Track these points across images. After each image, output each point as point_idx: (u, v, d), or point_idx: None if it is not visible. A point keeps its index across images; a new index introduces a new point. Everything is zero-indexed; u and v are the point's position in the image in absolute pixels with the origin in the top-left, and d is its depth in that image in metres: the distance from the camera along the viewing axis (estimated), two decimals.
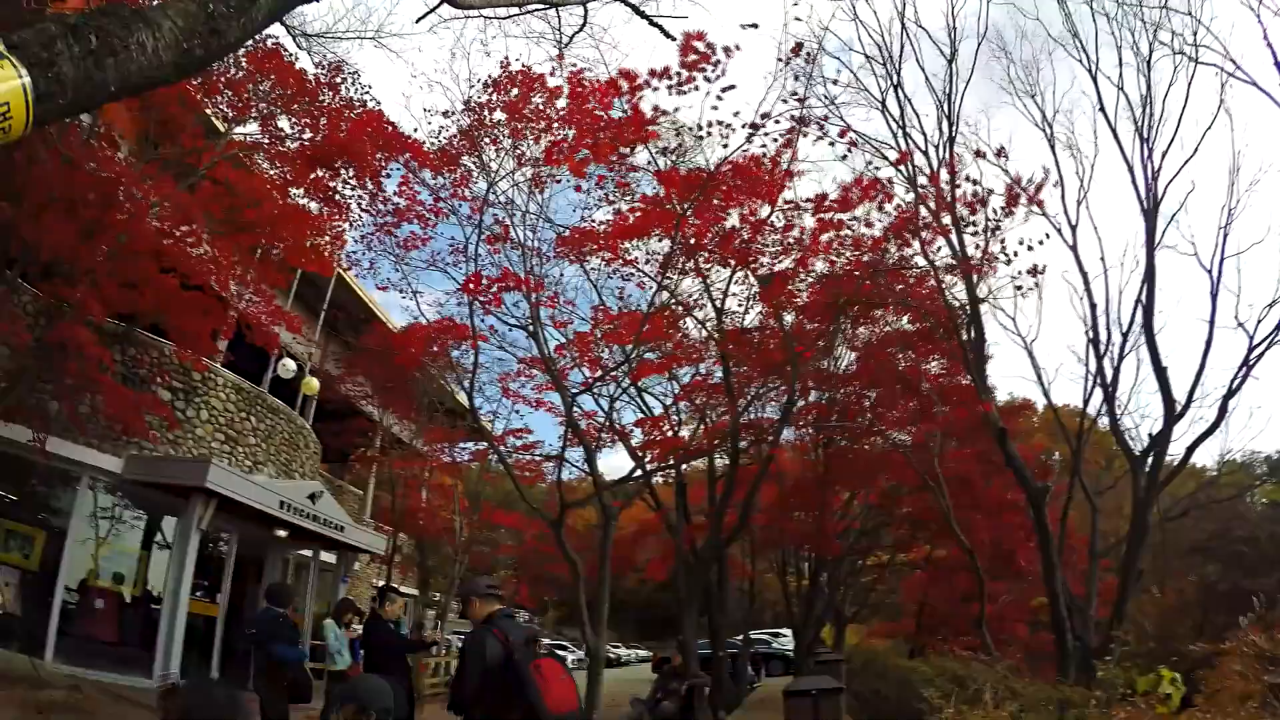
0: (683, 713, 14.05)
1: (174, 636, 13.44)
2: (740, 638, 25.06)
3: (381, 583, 24.58)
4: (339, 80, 14.08)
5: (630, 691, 17.62)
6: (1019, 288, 16.21)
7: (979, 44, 28.97)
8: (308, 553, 18.91)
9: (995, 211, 15.27)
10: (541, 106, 14.89)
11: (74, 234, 10.59)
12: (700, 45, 12.54)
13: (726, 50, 12.37)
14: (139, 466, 14.58)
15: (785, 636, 30.49)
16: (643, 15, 5.20)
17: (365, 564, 25.29)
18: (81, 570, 14.29)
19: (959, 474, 19.57)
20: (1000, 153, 15.83)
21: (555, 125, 15.04)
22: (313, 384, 20.80)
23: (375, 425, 26.05)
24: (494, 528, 28.89)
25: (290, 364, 19.34)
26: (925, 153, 16.23)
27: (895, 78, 16.57)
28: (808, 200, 15.29)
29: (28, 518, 13.84)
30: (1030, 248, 15.46)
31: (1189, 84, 15.58)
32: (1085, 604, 15.77)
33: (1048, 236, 15.99)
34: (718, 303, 17.00)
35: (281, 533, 17.04)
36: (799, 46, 14.52)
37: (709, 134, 13.90)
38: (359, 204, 15.63)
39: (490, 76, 15.03)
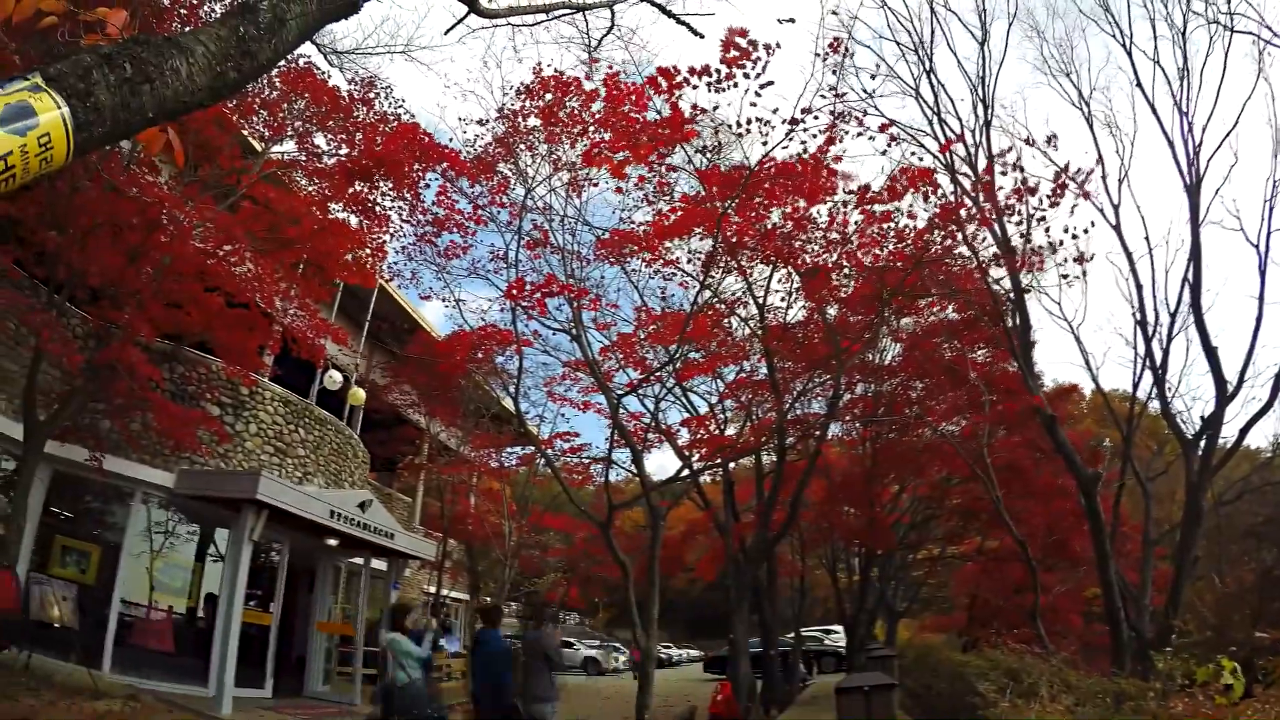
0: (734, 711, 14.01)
1: (228, 646, 13.60)
2: (791, 635, 24.97)
3: (432, 589, 24.80)
4: (372, 95, 14.24)
5: (683, 691, 17.65)
6: (1064, 276, 15.94)
7: (1010, 24, 28.49)
8: (359, 560, 19.08)
9: (1041, 200, 15.03)
10: (577, 110, 14.90)
11: (119, 258, 10.82)
12: (742, 42, 12.45)
13: (768, 47, 12.27)
14: (191, 481, 14.83)
15: (837, 633, 30.29)
16: (669, 14, 5.18)
17: (416, 570, 25.50)
18: (137, 583, 14.58)
19: (1008, 462, 19.28)
20: (1050, 140, 15.60)
21: (592, 129, 15.04)
22: (359, 394, 21.02)
23: (422, 433, 26.22)
24: (543, 531, 28.97)
25: (336, 375, 19.54)
26: (962, 138, 16.02)
27: (927, 64, 16.39)
28: (850, 193, 15.18)
29: (83, 534, 14.18)
30: (1075, 236, 15.19)
31: (1226, 54, 15.30)
32: (1140, 593, 15.49)
33: (1093, 224, 15.70)
34: (760, 299, 16.92)
35: (332, 541, 17.22)
36: (837, 42, 14.41)
37: (748, 131, 13.83)
38: (399, 215, 15.79)
39: (523, 83, 15.08)
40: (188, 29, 3.00)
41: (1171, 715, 6.27)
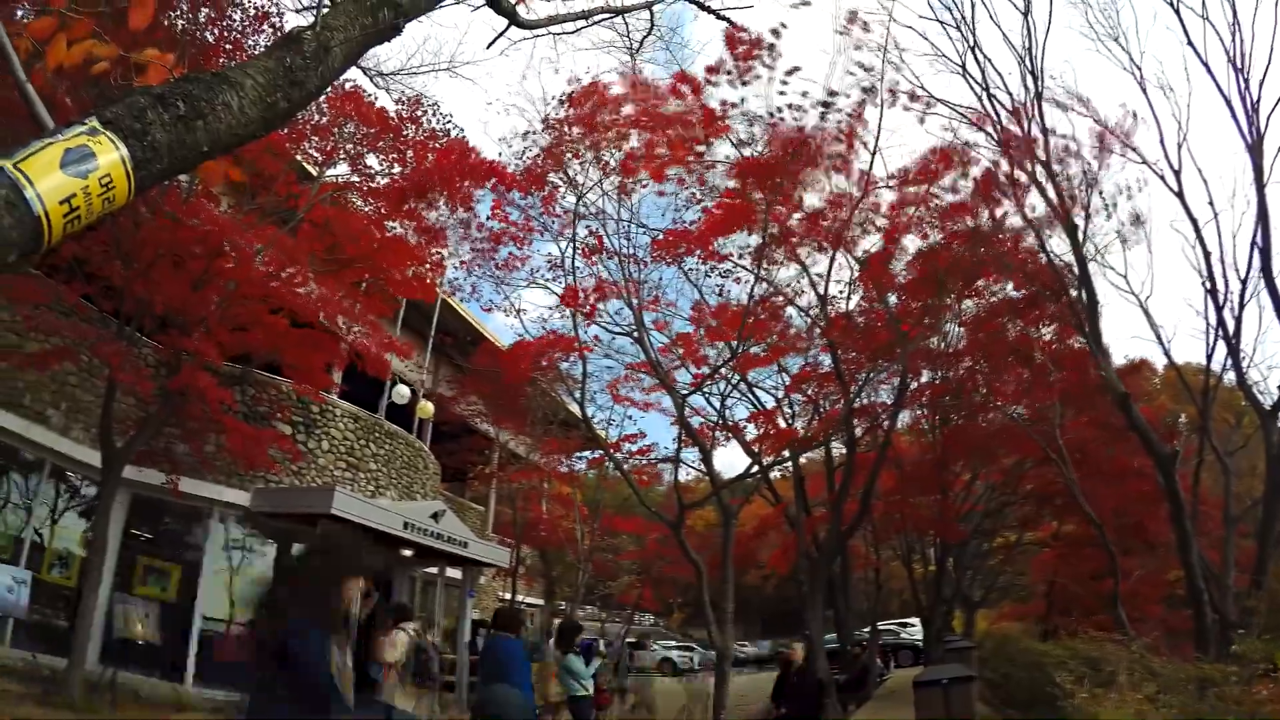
0: (811, 709, 13.85)
1: None
2: (867, 629, 24.73)
3: (508, 595, 24.97)
4: (420, 114, 14.41)
5: (761, 688, 17.55)
6: (1121, 236, 15.48)
7: None
8: (434, 570, 19.28)
9: (1092, 163, 14.65)
10: (614, 116, 14.98)
11: (184, 286, 11.10)
12: (744, 36, 12.44)
13: (775, 32, 12.24)
14: (266, 499, 15.21)
15: (914, 626, 29.84)
16: (707, 9, 5.15)
17: (490, 578, 25.69)
18: (217, 599, 15.01)
19: (1080, 443, 18.83)
20: (1084, 102, 15.20)
21: (629, 133, 15.10)
22: (427, 407, 21.25)
23: (491, 442, 26.43)
24: (615, 534, 29.03)
25: (404, 390, 19.79)
26: (1014, 113, 15.69)
27: (972, 39, 16.05)
28: (891, 176, 15.02)
29: (164, 554, 14.72)
30: (1130, 197, 14.72)
31: (1276, 3, 14.60)
32: (1223, 573, 15.03)
33: (1145, 183, 15.22)
34: (819, 289, 16.80)
35: (407, 552, 17.43)
36: (854, 15, 14.26)
37: (781, 119, 13.76)
38: (455, 231, 15.97)
39: (565, 93, 15.19)
40: (235, 63, 3.07)
41: (1255, 701, 6.10)
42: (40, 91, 2.27)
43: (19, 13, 7.46)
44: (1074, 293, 15.61)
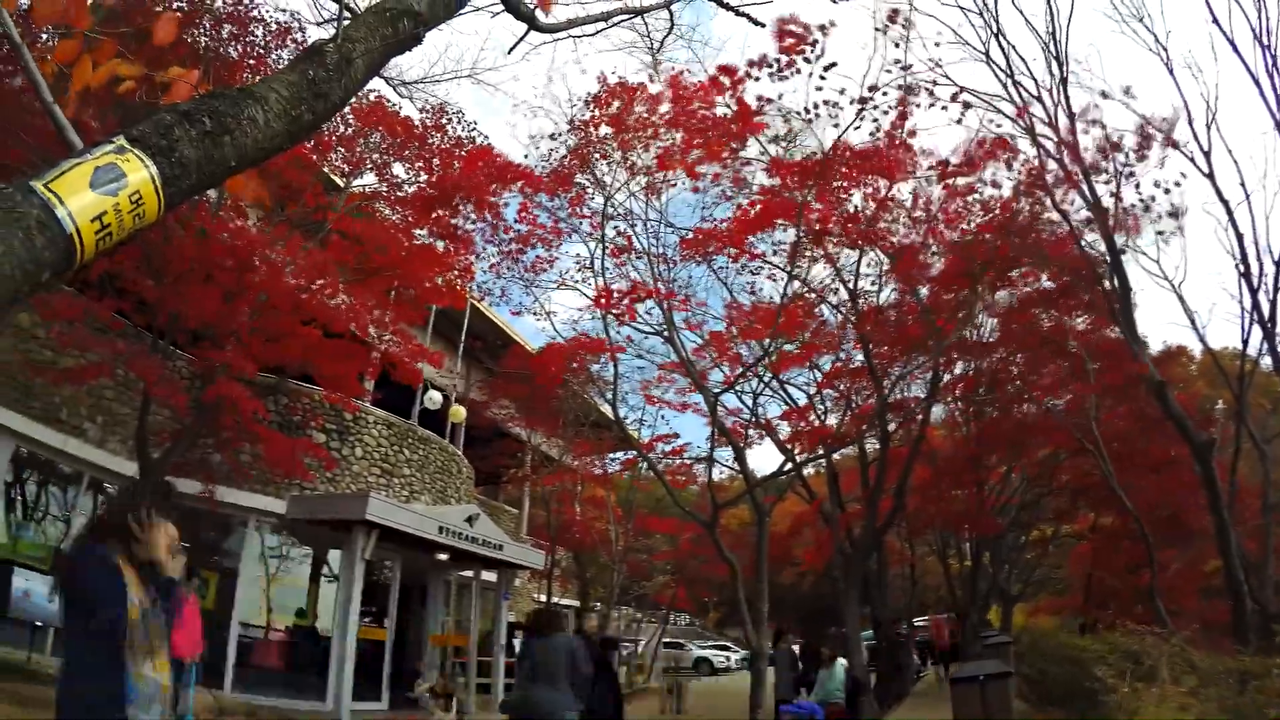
0: (847, 706, 13.79)
1: (345, 662, 13.97)
2: (904, 625, 24.58)
3: (543, 597, 25.04)
4: (444, 121, 14.52)
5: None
6: (1160, 233, 15.27)
7: None
8: (469, 573, 19.36)
9: (1128, 155, 14.44)
10: (646, 115, 14.96)
11: (216, 300, 11.20)
12: (794, 28, 12.35)
13: (822, 29, 12.14)
14: (301, 506, 15.36)
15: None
16: (727, 6, 5.13)
17: (525, 580, 25.76)
18: (254, 606, 15.27)
19: (1116, 433, 18.58)
20: (1127, 90, 14.99)
21: (662, 131, 15.08)
22: (459, 412, 21.36)
23: (524, 445, 26.51)
24: (649, 534, 29.02)
25: (436, 395, 19.91)
26: (1039, 99, 15.49)
27: (995, 25, 15.84)
28: (931, 169, 14.89)
29: (201, 562, 14.84)
30: (1167, 190, 14.52)
31: None
32: (1262, 563, 14.79)
33: (1184, 176, 15.04)
34: (850, 285, 16.71)
35: (442, 556, 17.51)
36: (895, 13, 14.16)
37: (817, 115, 13.70)
38: (482, 236, 16.05)
39: (589, 94, 15.19)
40: (259, 78, 3.11)
41: None
42: (68, 113, 2.30)
43: (44, 36, 7.58)
44: (1107, 284, 15.44)
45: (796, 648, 16.28)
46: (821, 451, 19.07)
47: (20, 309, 11.31)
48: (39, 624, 11.58)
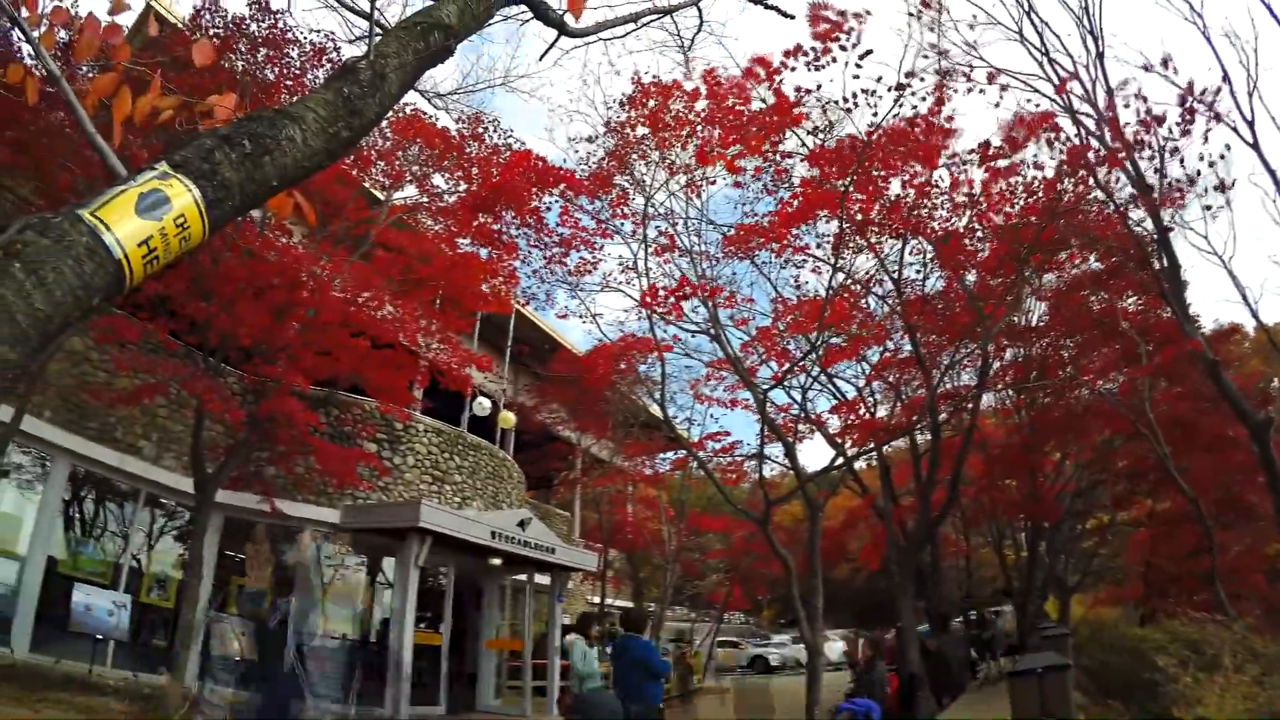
0: (903, 704, 13.67)
1: (401, 667, 14.14)
2: (959, 619, 24.31)
3: (596, 599, 25.12)
4: (480, 130, 14.67)
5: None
6: (1208, 208, 14.91)
7: None
8: (522, 577, 19.46)
9: (1170, 130, 14.14)
10: (682, 112, 14.97)
11: (266, 317, 11.41)
12: (829, 14, 12.26)
13: (857, 16, 12.04)
14: (355, 515, 15.61)
15: (1007, 613, 29.20)
16: (757, 0, 5.13)
17: (579, 582, 25.85)
18: (311, 614, 15.43)
19: (1171, 415, 18.19)
20: (1166, 63, 14.65)
21: (699, 128, 15.08)
22: (509, 417, 21.50)
23: (574, 448, 26.60)
24: (701, 533, 28.98)
25: (485, 402, 20.06)
26: (1075, 75, 15.20)
27: (1026, 3, 15.59)
28: (971, 152, 14.72)
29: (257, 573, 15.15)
30: (1212, 164, 14.17)
31: None
32: None
33: (1228, 148, 14.64)
34: (894, 274, 16.58)
35: (495, 561, 17.64)
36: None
37: (855, 104, 13.60)
38: (525, 241, 16.16)
39: (624, 95, 15.22)
40: (296, 98, 3.18)
41: None
42: (112, 143, 2.35)
43: (84, 69, 7.75)
44: (1156, 264, 15.16)
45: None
46: (872, 445, 18.91)
47: (73, 333, 11.58)
48: (99, 637, 11.87)
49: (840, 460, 17.95)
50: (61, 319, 1.90)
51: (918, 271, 17.40)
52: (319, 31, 13.01)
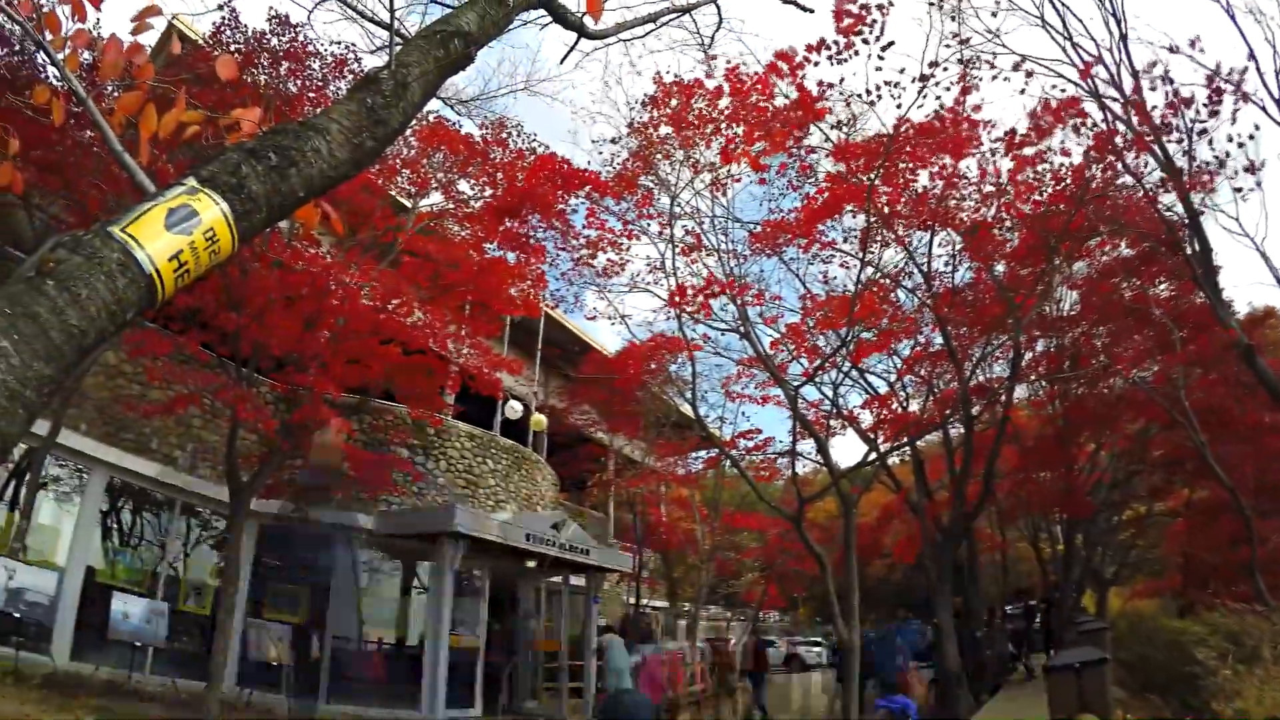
0: (939, 703, 13.55)
1: (438, 670, 14.20)
2: (997, 614, 24.13)
3: (631, 600, 25.11)
4: (504, 135, 14.74)
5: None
6: (1238, 190, 14.68)
7: None
8: (558, 579, 19.51)
9: (1198, 111, 13.93)
10: (705, 110, 14.97)
11: (297, 326, 11.52)
12: (852, 7, 12.19)
13: (880, 7, 11.96)
14: (390, 520, 15.74)
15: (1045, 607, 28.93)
16: None
17: (614, 583, 25.87)
18: (346, 619, 15.73)
19: (1208, 403, 17.90)
20: (1193, 44, 14.43)
21: (723, 125, 15.07)
22: (540, 420, 21.57)
23: (606, 449, 26.63)
24: (735, 532, 28.91)
25: (516, 405, 20.14)
26: (1100, 59, 14.99)
27: None
28: (997, 140, 14.60)
29: (293, 578, 15.29)
30: (1241, 144, 13.95)
31: None
32: None
33: (1258, 129, 14.36)
34: (923, 267, 16.47)
35: (530, 563, 17.68)
36: None
37: (879, 97, 13.52)
38: (553, 244, 16.22)
39: (646, 95, 15.23)
40: (319, 110, 3.22)
41: None
42: (140, 160, 2.39)
43: (110, 88, 7.84)
44: (1188, 249, 14.96)
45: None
46: (905, 439, 18.79)
47: (107, 348, 11.76)
48: (138, 644, 12.08)
49: (873, 456, 17.85)
50: (96, 334, 1.93)
51: (946, 264, 17.30)
52: (340, 43, 13.19)
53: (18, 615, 10.71)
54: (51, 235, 2.00)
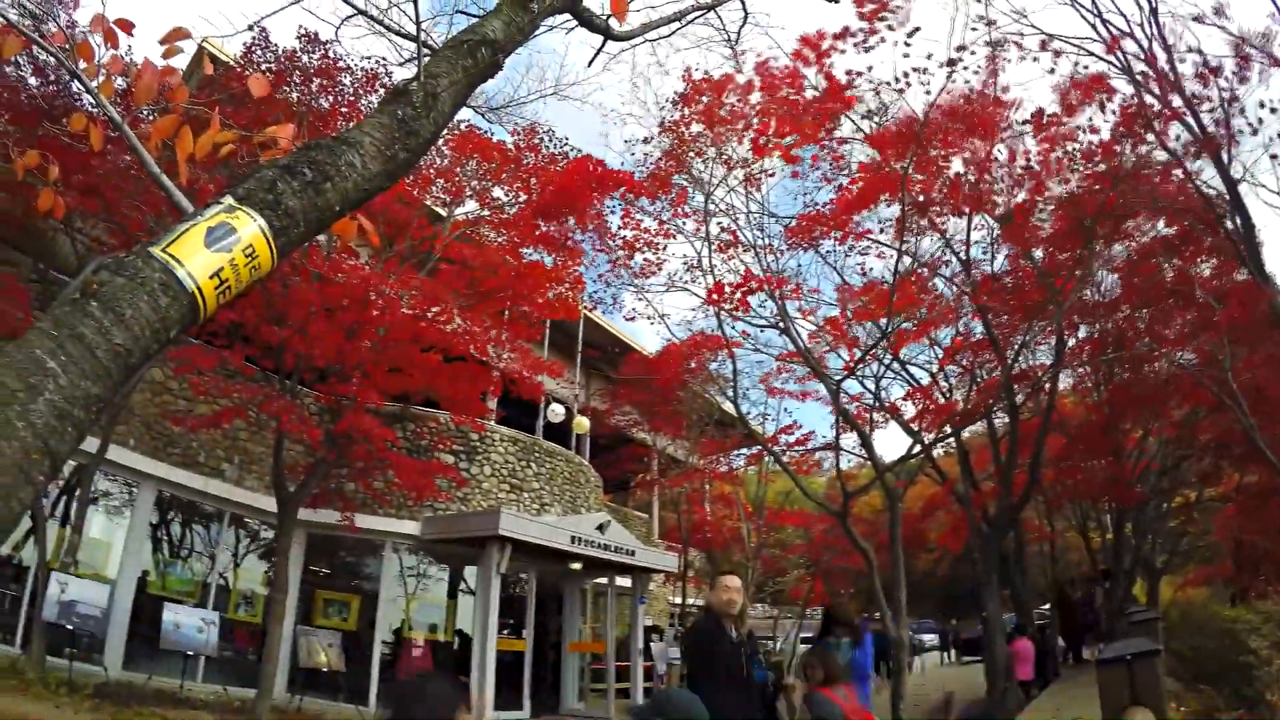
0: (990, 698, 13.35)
1: (486, 673, 14.32)
2: (1047, 606, 23.83)
3: (676, 600, 25.10)
4: (536, 140, 14.83)
5: (937, 678, 17.20)
6: (1274, 156, 14.35)
7: None
8: (603, 580, 19.55)
9: (1229, 79, 13.65)
10: (736, 106, 14.96)
11: (338, 337, 11.68)
12: None
13: None
14: (435, 526, 15.91)
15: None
16: None
17: (660, 583, 25.87)
18: (395, 624, 15.98)
19: (1255, 384, 17.49)
20: (1219, 11, 14.14)
21: (754, 120, 15.04)
22: (583, 423, 21.64)
23: (649, 449, 26.64)
24: (780, 528, 28.80)
25: (558, 408, 20.24)
26: (1130, 35, 14.70)
27: None
28: (1025, 121, 14.42)
29: (342, 586, 15.86)
30: (1274, 110, 13.66)
31: None
32: None
33: None
34: (960, 255, 16.33)
35: (576, 565, 17.75)
36: None
37: (908, 84, 13.43)
38: (590, 246, 16.29)
39: (676, 94, 15.24)
40: (351, 124, 3.26)
41: None
42: (178, 181, 2.44)
43: (145, 112, 7.98)
44: (1229, 224, 14.68)
45: None
46: (949, 430, 18.60)
47: (153, 364, 11.96)
48: (189, 653, 12.31)
49: (917, 448, 17.69)
50: (141, 352, 1.98)
51: (984, 250, 17.15)
52: (369, 57, 13.33)
53: (70, 627, 10.95)
54: (93, 258, 2.05)
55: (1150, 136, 13.97)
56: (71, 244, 12.57)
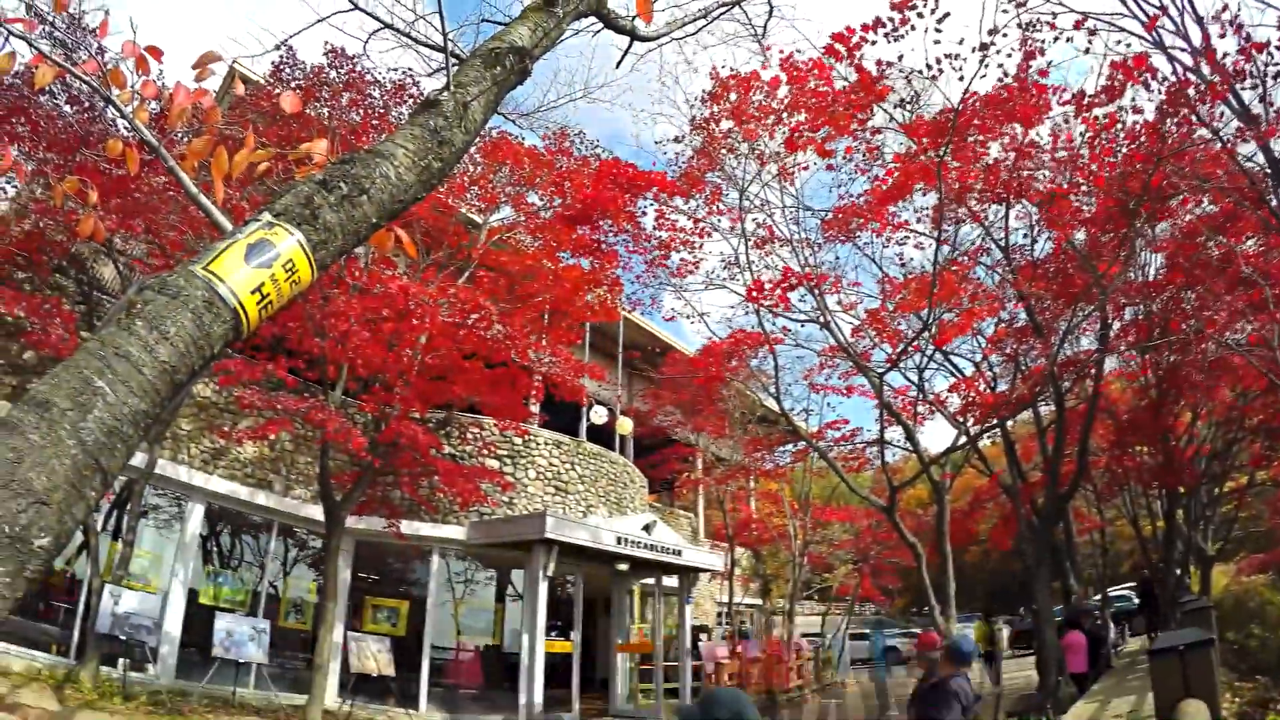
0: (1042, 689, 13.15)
1: (534, 676, 14.39)
2: (1098, 596, 23.51)
3: (724, 598, 25.03)
4: (567, 144, 14.90)
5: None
6: None
7: None
8: (650, 580, 19.57)
9: (1270, 54, 13.36)
10: (766, 101, 14.92)
11: (380, 348, 11.81)
12: None
13: None
14: (482, 531, 16.04)
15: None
16: None
17: (707, 582, 25.84)
18: (444, 629, 16.20)
19: None
20: None
21: (786, 114, 14.99)
22: (626, 424, 21.69)
23: (693, 448, 26.63)
24: (826, 524, 28.70)
25: (601, 410, 20.29)
26: (1165, 11, 14.41)
27: None
28: (1065, 104, 14.23)
29: (390, 592, 16.03)
30: None
31: None
32: None
33: None
34: (1001, 242, 16.14)
35: (622, 566, 17.78)
36: None
37: (940, 71, 13.29)
38: (625, 248, 16.33)
39: (705, 91, 15.21)
40: (384, 137, 3.30)
41: None
42: (216, 200, 2.48)
43: (179, 133, 8.12)
44: (1272, 199, 14.39)
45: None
46: (995, 421, 18.39)
47: (200, 379, 12.16)
48: (241, 661, 12.51)
49: (963, 440, 17.53)
50: (187, 369, 2.02)
51: (1025, 236, 16.94)
52: (397, 69, 13.45)
53: (123, 638, 11.22)
54: (136, 278, 2.10)
55: (1195, 117, 13.72)
56: (114, 265, 12.82)
